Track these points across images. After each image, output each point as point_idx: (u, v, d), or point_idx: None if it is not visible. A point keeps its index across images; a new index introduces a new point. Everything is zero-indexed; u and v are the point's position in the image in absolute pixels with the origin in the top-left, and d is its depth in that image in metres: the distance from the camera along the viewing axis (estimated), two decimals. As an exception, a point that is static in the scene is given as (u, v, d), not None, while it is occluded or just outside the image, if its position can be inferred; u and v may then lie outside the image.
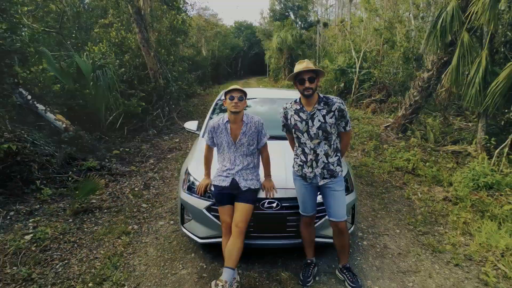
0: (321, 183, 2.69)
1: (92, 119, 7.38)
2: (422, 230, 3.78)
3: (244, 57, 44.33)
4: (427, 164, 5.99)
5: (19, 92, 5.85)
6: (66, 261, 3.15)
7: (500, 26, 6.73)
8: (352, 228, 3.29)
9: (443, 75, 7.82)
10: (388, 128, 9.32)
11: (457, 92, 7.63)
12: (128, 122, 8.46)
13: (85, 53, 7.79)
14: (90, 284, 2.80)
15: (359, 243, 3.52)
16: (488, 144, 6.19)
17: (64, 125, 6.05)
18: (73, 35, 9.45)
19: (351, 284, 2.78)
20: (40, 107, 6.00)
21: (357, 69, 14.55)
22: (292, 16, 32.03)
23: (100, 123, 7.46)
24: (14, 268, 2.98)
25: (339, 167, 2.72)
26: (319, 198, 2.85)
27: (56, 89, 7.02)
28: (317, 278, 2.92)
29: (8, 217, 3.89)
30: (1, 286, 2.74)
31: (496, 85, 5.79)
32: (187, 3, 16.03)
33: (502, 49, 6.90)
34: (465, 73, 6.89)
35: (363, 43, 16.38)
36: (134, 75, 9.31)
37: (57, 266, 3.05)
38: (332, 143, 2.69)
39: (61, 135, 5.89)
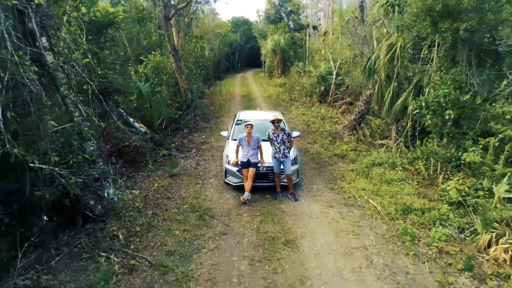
0: (281, 159, 7.16)
1: (147, 124, 11.70)
2: (331, 182, 8.26)
3: (241, 51, 47.23)
4: (355, 152, 10.41)
5: (119, 111, 10.16)
6: (178, 192, 7.60)
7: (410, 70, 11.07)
8: (297, 180, 7.80)
9: (376, 94, 12.20)
10: (344, 128, 13.70)
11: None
12: (169, 124, 12.79)
13: (142, 79, 12.10)
14: (192, 198, 7.27)
15: (302, 187, 8.02)
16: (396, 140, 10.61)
17: (144, 129, 10.39)
18: (130, 65, 13.68)
19: (293, 198, 7.27)
20: (130, 119, 10.32)
21: (334, 76, 18.43)
22: (285, 19, 35.57)
23: (153, 127, 11.79)
24: (157, 195, 7.40)
25: (289, 153, 7.18)
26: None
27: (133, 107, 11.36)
28: (280, 198, 7.38)
29: (139, 178, 8.29)
30: (157, 200, 7.15)
31: (397, 105, 10.16)
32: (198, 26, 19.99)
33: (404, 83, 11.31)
34: (383, 96, 11.23)
35: (339, 54, 20.23)
36: (171, 91, 13.62)
37: (175, 193, 7.50)
38: (286, 144, 7.14)
39: (143, 136, 10.23)
